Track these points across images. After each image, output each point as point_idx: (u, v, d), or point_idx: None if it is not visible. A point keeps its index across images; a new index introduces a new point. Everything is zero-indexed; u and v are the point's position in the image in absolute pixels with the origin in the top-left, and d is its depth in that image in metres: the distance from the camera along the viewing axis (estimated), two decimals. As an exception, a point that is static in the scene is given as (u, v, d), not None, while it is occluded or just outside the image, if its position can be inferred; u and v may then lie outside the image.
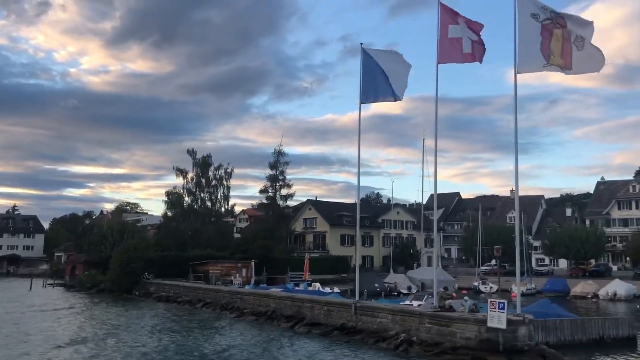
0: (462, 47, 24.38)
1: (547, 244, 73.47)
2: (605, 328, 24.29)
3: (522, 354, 19.92)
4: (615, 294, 51.21)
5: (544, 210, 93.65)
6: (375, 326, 24.97)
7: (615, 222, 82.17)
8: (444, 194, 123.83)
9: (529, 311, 26.07)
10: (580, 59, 21.03)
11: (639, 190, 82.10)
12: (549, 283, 57.64)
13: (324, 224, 72.89)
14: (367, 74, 27.48)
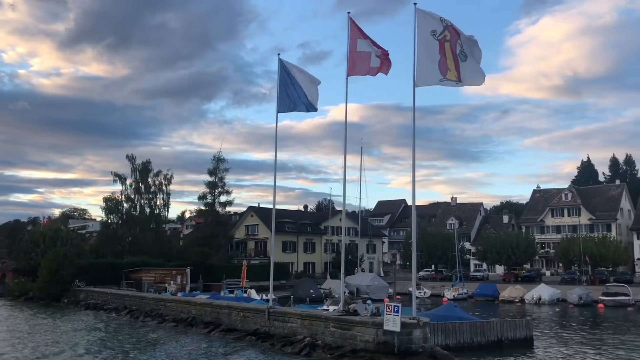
0: (370, 60, 25.33)
1: (481, 250, 75.82)
2: (503, 330, 25.54)
3: (416, 355, 20.77)
4: (540, 298, 53.38)
5: (483, 217, 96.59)
6: (286, 331, 25.51)
7: (548, 229, 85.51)
8: (391, 200, 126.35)
9: (434, 314, 27.21)
10: (465, 70, 22.20)
11: (571, 199, 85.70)
12: (479, 288, 59.46)
13: (266, 230, 73.12)
14: (284, 85, 28.16)
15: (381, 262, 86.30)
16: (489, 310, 49.69)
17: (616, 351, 26.12)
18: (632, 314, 45.39)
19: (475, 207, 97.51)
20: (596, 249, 64.53)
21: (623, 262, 67.48)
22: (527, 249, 71.05)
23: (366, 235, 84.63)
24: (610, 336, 31.99)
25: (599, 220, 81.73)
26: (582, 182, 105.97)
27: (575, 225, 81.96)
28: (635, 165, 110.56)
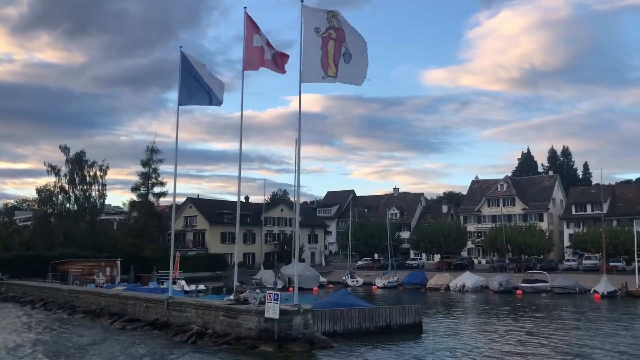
0: (264, 55, 25.91)
1: (415, 239, 77.81)
2: (392, 316, 26.67)
3: (295, 341, 21.61)
4: (464, 285, 55.28)
5: (424, 207, 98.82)
6: (182, 320, 26.02)
7: (485, 219, 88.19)
8: (340, 191, 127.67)
9: (327, 302, 28.19)
10: (344, 70, 22.99)
11: (506, 189, 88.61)
12: (409, 276, 61.20)
13: (204, 222, 73.28)
14: (186, 77, 28.49)
15: (323, 252, 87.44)
16: (415, 297, 51.33)
17: (492, 335, 27.66)
18: (544, 299, 47.59)
19: (417, 197, 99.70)
20: (522, 238, 67.08)
21: (547, 250, 70.29)
22: (458, 238, 73.29)
23: (308, 225, 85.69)
24: (499, 320, 33.78)
25: (532, 210, 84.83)
26: (521, 173, 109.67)
27: (510, 215, 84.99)
28: (572, 157, 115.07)
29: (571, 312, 38.36)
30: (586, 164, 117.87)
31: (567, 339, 26.04)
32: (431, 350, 22.95)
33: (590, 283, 51.82)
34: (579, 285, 51.89)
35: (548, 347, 23.96)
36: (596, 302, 45.58)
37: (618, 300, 46.59)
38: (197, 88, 28.21)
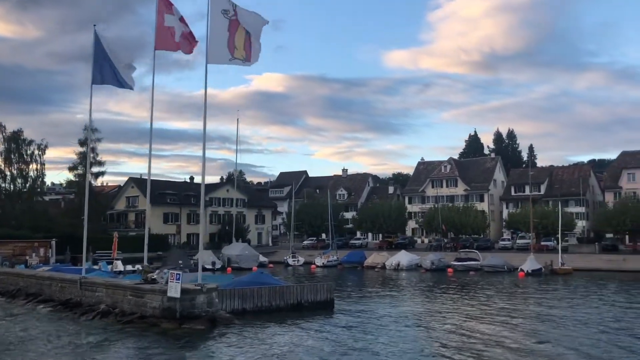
0: (175, 36, 25.84)
1: (357, 219, 79.19)
2: (303, 294, 27.39)
3: (197, 319, 22.05)
4: (399, 264, 56.84)
5: (371, 188, 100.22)
6: (93, 300, 26.14)
7: (429, 199, 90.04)
8: (293, 172, 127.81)
9: (240, 281, 28.73)
10: (255, 51, 23.36)
11: (449, 170, 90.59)
12: (348, 255, 62.49)
13: (145, 202, 72.66)
14: (99, 57, 28.15)
15: (270, 232, 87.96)
16: (351, 275, 52.58)
17: (404, 308, 28.82)
18: (471, 277, 49.34)
19: (364, 178, 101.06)
20: (458, 218, 69.05)
21: (483, 229, 72.60)
22: (398, 218, 74.90)
23: (255, 206, 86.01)
24: (414, 297, 35.12)
25: (473, 190, 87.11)
26: (468, 154, 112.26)
27: (453, 196, 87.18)
28: (517, 140, 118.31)
29: (486, 288, 40.00)
30: (531, 146, 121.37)
31: (460, 313, 27.45)
32: (338, 326, 23.71)
33: (520, 261, 53.92)
34: (508, 264, 53.99)
35: (439, 321, 25.15)
36: (519, 279, 47.60)
37: (541, 277, 48.68)
38: (108, 69, 27.95)
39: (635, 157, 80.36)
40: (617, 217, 61.91)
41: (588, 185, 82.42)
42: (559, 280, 46.52)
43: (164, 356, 18.27)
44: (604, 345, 20.06)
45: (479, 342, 20.25)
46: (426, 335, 21.89)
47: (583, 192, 78.61)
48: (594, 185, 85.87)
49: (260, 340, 20.57)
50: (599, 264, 56.17)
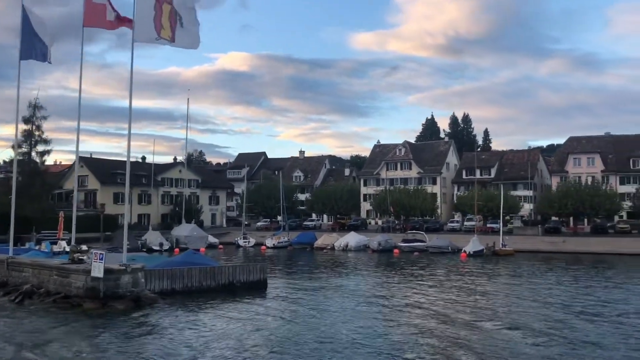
0: (106, 14, 25.35)
1: (310, 201, 79.75)
2: (236, 274, 27.63)
3: (120, 299, 22.06)
4: (347, 245, 57.62)
5: (327, 170, 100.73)
6: (20, 280, 25.80)
7: (383, 182, 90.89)
8: (251, 153, 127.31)
9: (172, 261, 28.76)
10: (180, 34, 23.12)
11: (404, 154, 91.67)
12: (298, 236, 62.97)
13: (96, 182, 71.47)
14: (26, 32, 27.46)
15: (224, 213, 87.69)
16: (299, 256, 52.99)
17: (338, 287, 29.39)
18: (416, 257, 50.39)
19: (321, 160, 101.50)
20: (407, 200, 70.20)
21: (431, 212, 74.05)
22: (350, 200, 75.73)
23: (209, 187, 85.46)
24: (350, 276, 35.83)
25: (426, 173, 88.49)
26: (425, 138, 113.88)
27: (407, 178, 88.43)
28: (472, 124, 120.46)
29: (425, 268, 40.96)
30: (486, 130, 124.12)
31: (386, 290, 28.19)
32: (266, 306, 24.08)
33: (465, 243, 55.05)
34: (452, 245, 55.27)
35: (363, 296, 25.78)
36: (461, 260, 48.88)
37: (482, 258, 50.04)
38: (36, 43, 27.34)
39: (581, 142, 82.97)
40: (559, 201, 63.95)
41: (536, 169, 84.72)
42: (499, 261, 47.88)
43: (80, 335, 18.26)
44: (511, 317, 20.97)
45: (398, 318, 20.90)
46: (352, 312, 22.43)
47: (531, 176, 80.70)
48: (543, 170, 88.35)
49: (181, 320, 20.73)
50: (540, 246, 58.05)
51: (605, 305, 24.58)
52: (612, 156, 79.33)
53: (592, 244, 57.17)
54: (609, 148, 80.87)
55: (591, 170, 78.31)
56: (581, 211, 62.90)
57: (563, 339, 17.91)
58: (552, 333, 18.67)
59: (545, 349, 16.55)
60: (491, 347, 16.74)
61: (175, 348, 16.49)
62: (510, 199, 67.80)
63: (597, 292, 28.87)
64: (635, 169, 76.54)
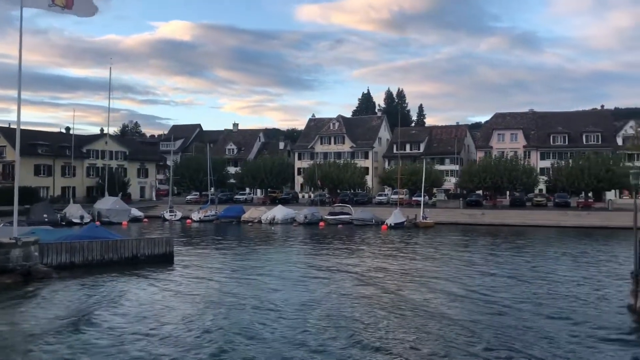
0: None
1: (239, 174, 79.50)
2: (140, 247, 27.42)
3: (11, 273, 21.56)
4: (274, 218, 57.94)
5: (262, 143, 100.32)
6: None
7: (317, 155, 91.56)
8: (186, 125, 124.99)
9: (72, 235, 28.20)
10: (79, 2, 22.33)
11: (337, 128, 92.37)
12: (225, 210, 62.72)
13: (14, 152, 68.44)
14: None
15: (153, 186, 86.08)
16: (225, 230, 52.86)
17: (244, 261, 29.70)
18: (340, 230, 51.31)
19: (255, 133, 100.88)
20: (336, 174, 71.07)
21: (360, 185, 75.33)
22: (281, 173, 75.96)
23: (137, 159, 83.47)
24: (262, 249, 36.23)
25: (359, 148, 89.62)
26: (361, 112, 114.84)
27: (340, 152, 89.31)
28: (406, 99, 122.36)
29: (344, 239, 41.78)
30: (421, 106, 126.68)
31: (288, 262, 28.79)
32: (168, 280, 24.06)
33: (389, 216, 56.65)
34: (376, 218, 56.54)
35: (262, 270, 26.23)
36: (382, 232, 50.16)
37: (403, 230, 51.48)
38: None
39: (505, 118, 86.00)
40: (479, 175, 66.28)
41: (463, 144, 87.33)
42: (418, 233, 49.50)
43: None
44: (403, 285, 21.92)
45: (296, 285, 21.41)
46: (247, 284, 22.77)
47: (458, 151, 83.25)
48: (470, 145, 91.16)
49: (73, 293, 20.50)
50: (460, 218, 60.22)
51: (501, 266, 25.98)
52: (534, 132, 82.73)
53: (509, 217, 59.75)
54: (532, 124, 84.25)
55: (514, 146, 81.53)
56: (499, 185, 65.45)
57: (448, 293, 18.90)
58: (456, 292, 19.68)
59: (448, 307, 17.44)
60: (387, 305, 17.48)
61: (51, 321, 16.33)
62: (433, 173, 69.81)
63: (482, 257, 30.41)
64: (554, 145, 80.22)
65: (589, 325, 16.00)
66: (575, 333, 15.17)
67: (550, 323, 16.23)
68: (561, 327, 15.89)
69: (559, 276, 24.96)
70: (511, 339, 14.58)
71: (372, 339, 14.49)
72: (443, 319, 16.68)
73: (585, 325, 16.09)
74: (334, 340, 14.46)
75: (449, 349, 13.69)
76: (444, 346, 13.91)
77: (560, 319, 16.82)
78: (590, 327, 15.88)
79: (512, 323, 16.19)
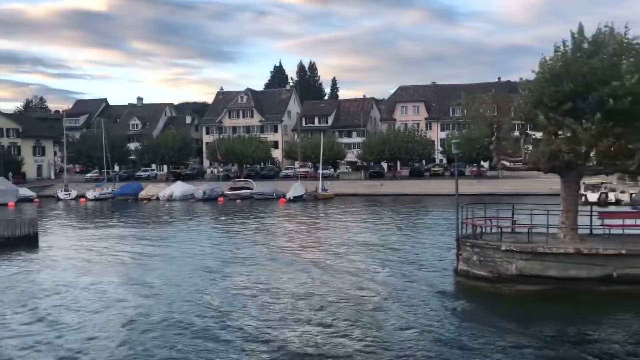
0: None
1: (139, 150, 77.36)
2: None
3: None
4: (172, 194, 56.89)
5: (168, 118, 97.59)
6: None
7: (226, 130, 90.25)
8: (91, 100, 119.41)
9: None
10: None
11: (246, 101, 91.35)
12: (122, 188, 61.05)
13: None
14: None
15: (52, 164, 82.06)
16: (119, 208, 51.26)
17: (118, 242, 29.01)
18: (238, 205, 51.07)
19: (161, 108, 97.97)
20: (239, 148, 70.62)
21: (265, 160, 75.39)
22: (182, 149, 74.52)
23: (32, 136, 79.18)
24: (137, 226, 35.66)
25: (268, 121, 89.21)
26: (273, 86, 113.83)
27: (249, 126, 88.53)
28: (318, 72, 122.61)
29: (232, 214, 41.68)
30: (334, 79, 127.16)
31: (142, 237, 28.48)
32: (28, 260, 23.10)
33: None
34: (277, 191, 56.80)
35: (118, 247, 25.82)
36: (280, 205, 50.48)
37: (302, 203, 52.01)
38: None
39: (408, 91, 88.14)
40: (378, 147, 67.92)
41: (370, 117, 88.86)
42: (317, 205, 50.20)
43: None
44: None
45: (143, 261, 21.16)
46: (120, 262, 22.25)
47: (364, 124, 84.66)
48: (376, 117, 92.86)
49: None
50: (360, 189, 61.67)
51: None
52: (435, 105, 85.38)
53: (407, 187, 61.81)
54: (434, 97, 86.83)
55: (416, 118, 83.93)
56: (397, 157, 67.38)
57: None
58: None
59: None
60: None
61: None
62: (335, 146, 70.81)
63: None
64: (454, 117, 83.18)
65: (418, 285, 17.02)
66: (405, 294, 15.99)
67: (380, 287, 17.01)
68: (399, 286, 16.82)
69: (412, 242, 26.21)
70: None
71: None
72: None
73: (415, 284, 17.14)
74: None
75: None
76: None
77: (396, 278, 17.75)
78: (419, 285, 16.93)
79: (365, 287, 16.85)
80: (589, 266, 15.54)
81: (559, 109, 15.51)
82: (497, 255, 16.27)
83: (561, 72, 15.59)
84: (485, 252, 16.56)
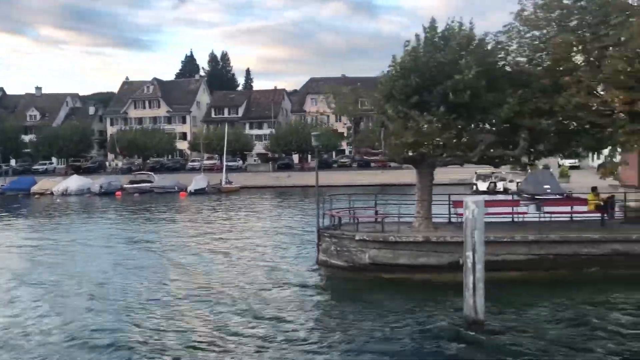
0: None
1: (34, 142, 73.43)
2: None
3: None
4: (67, 189, 54.18)
5: (70, 109, 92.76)
6: None
7: (131, 121, 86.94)
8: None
9: None
10: None
11: (152, 91, 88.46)
12: (12, 182, 57.71)
13: None
14: None
15: None
16: (8, 204, 48.18)
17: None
18: (135, 199, 49.45)
19: (62, 98, 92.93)
20: (142, 140, 68.41)
21: (168, 152, 73.55)
22: (82, 141, 71.28)
23: None
24: (19, 222, 33.91)
25: (175, 112, 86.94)
26: (184, 76, 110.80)
27: (156, 117, 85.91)
28: (230, 62, 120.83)
29: (130, 210, 40.51)
30: (248, 70, 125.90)
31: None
32: None
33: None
34: (180, 185, 55.30)
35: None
36: (180, 199, 49.31)
37: (204, 196, 50.96)
38: None
39: (319, 83, 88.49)
40: (285, 139, 67.92)
41: (281, 108, 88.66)
42: (220, 198, 49.30)
43: None
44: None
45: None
46: None
47: (275, 115, 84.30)
48: (288, 109, 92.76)
49: None
50: (266, 181, 61.23)
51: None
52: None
53: (314, 178, 61.99)
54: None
55: (326, 110, 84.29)
56: (304, 148, 67.64)
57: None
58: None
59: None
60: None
61: None
62: (243, 137, 70.14)
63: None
64: (363, 109, 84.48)
65: (280, 275, 17.17)
66: (266, 286, 16.02)
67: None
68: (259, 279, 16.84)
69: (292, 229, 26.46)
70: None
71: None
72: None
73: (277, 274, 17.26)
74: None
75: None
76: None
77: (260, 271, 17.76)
78: (281, 275, 17.08)
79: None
80: (438, 254, 16.13)
81: (407, 102, 15.95)
82: (352, 245, 16.59)
83: (410, 67, 16.04)
84: (341, 242, 16.85)
